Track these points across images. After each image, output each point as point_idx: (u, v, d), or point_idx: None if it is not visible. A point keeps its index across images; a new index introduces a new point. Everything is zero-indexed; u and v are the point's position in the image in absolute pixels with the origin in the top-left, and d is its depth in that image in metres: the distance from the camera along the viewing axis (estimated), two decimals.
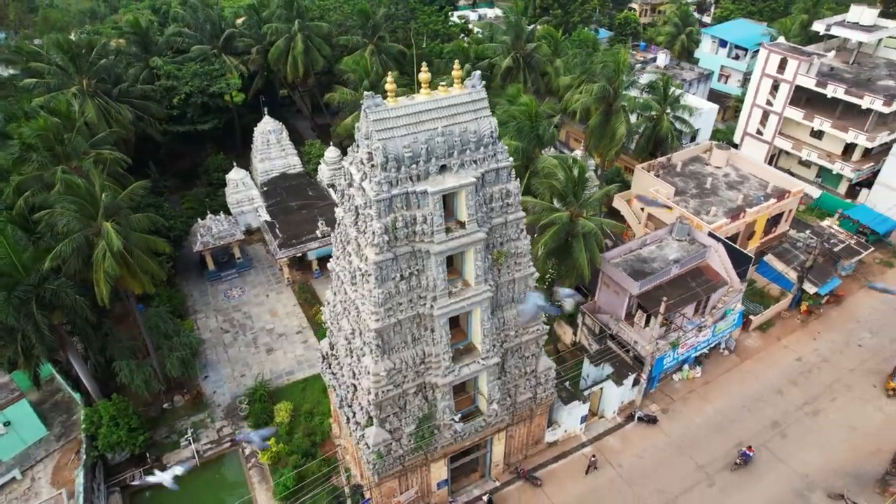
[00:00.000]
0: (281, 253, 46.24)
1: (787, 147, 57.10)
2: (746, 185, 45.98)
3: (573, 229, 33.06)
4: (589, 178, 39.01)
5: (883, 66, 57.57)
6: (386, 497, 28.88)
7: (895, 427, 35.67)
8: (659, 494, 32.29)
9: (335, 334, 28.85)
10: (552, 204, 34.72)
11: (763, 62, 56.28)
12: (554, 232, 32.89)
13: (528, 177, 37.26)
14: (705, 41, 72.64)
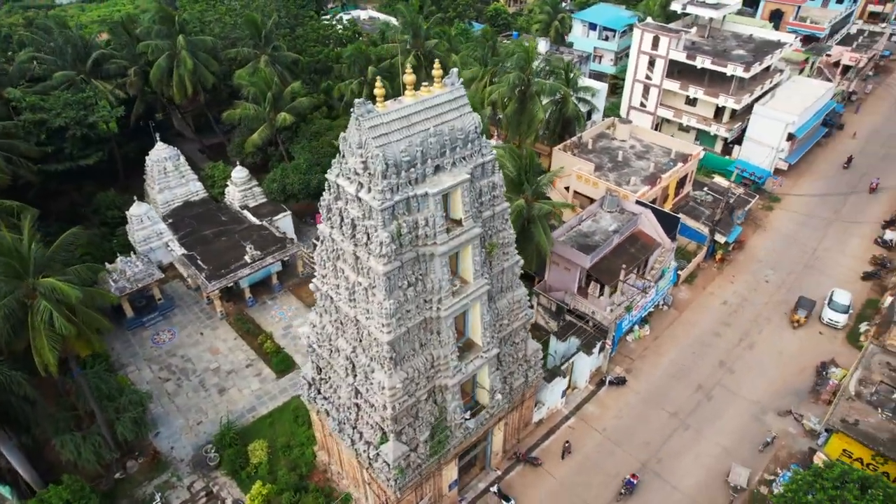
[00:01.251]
0: (212, 285, 42.91)
1: (669, 115, 62.90)
2: (652, 154, 50.15)
3: (531, 214, 34.16)
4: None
5: (731, 38, 65.16)
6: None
7: (810, 346, 41.08)
8: (646, 447, 34.60)
9: (326, 357, 27.51)
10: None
11: (638, 41, 61.44)
12: (513, 220, 33.74)
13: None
14: (577, 26, 77.63)
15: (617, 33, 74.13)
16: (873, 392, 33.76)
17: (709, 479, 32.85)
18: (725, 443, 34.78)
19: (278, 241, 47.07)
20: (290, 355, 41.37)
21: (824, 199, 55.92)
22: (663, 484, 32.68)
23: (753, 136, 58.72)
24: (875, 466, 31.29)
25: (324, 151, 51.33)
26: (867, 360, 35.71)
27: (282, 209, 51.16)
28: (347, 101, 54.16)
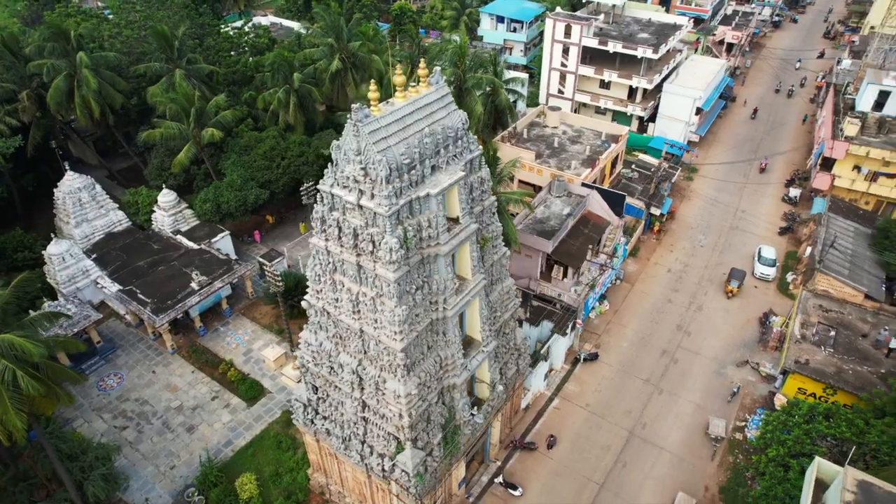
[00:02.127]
0: (160, 319, 39.88)
1: (587, 100, 65.81)
2: (584, 138, 52.32)
3: (499, 206, 34.59)
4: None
5: (633, 23, 69.15)
6: None
7: (749, 301, 44.78)
8: (628, 415, 36.29)
9: (325, 375, 26.48)
10: None
11: (551, 30, 63.70)
12: None
13: None
14: (485, 19, 79.15)
15: (525, 24, 76.40)
16: (814, 333, 37.41)
17: (691, 435, 35.03)
18: (697, 399, 37.22)
19: (223, 264, 44.59)
20: (258, 380, 39.40)
21: (734, 166, 60.93)
22: (651, 447, 34.45)
23: (666, 112, 62.80)
24: (825, 398, 34.75)
25: (257, 165, 49.17)
26: (803, 305, 39.47)
27: (219, 230, 48.42)
28: (274, 110, 52.11)
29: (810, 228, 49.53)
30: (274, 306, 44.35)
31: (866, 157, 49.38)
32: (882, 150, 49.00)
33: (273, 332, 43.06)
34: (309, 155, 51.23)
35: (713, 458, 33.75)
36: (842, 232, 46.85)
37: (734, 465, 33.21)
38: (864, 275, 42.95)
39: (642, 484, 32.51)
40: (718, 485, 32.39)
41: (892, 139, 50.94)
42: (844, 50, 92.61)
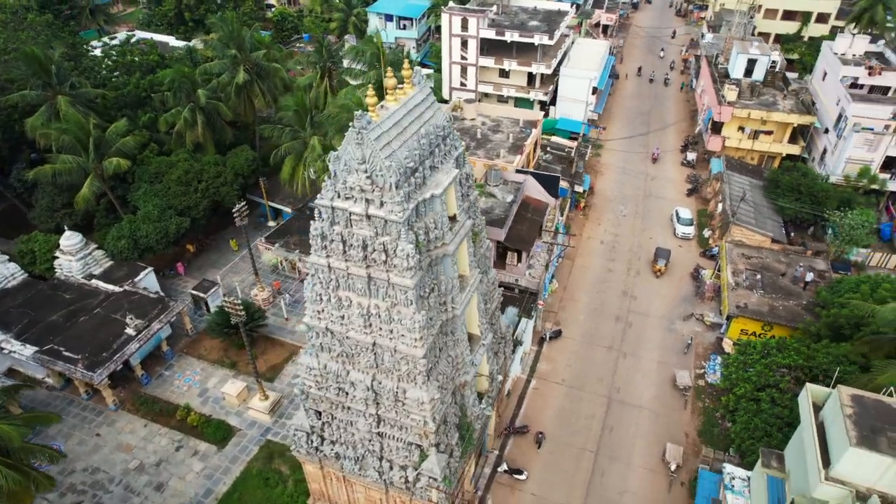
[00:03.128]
0: (99, 374, 35.80)
1: (489, 90, 67.53)
2: (503, 126, 53.76)
3: None
4: None
5: (521, 12, 71.79)
6: None
7: (678, 260, 48.65)
8: (602, 383, 38.23)
9: (332, 397, 25.28)
10: None
11: (448, 24, 64.51)
12: None
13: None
14: (373, 19, 78.39)
15: (415, 21, 76.71)
16: (745, 279, 41.58)
17: (661, 390, 37.62)
18: (657, 357, 39.99)
19: (157, 303, 40.85)
20: (223, 420, 36.71)
21: (633, 138, 65.59)
22: (630, 408, 36.58)
23: (565, 94, 65.96)
24: (764, 334, 38.85)
25: (173, 192, 45.47)
26: (729, 255, 43.68)
27: (140, 267, 44.24)
28: (179, 131, 48.36)
29: (713, 187, 54.74)
30: (221, 339, 41.45)
31: (748, 118, 55.38)
32: (759, 111, 55.21)
33: (226, 367, 40.24)
34: (226, 175, 48.26)
35: (685, 406, 36.51)
36: (740, 186, 52.24)
37: (705, 410, 36.15)
38: (768, 221, 48.31)
39: (632, 443, 34.47)
40: (696, 429, 35.16)
41: (764, 101, 57.54)
42: (694, 25, 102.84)
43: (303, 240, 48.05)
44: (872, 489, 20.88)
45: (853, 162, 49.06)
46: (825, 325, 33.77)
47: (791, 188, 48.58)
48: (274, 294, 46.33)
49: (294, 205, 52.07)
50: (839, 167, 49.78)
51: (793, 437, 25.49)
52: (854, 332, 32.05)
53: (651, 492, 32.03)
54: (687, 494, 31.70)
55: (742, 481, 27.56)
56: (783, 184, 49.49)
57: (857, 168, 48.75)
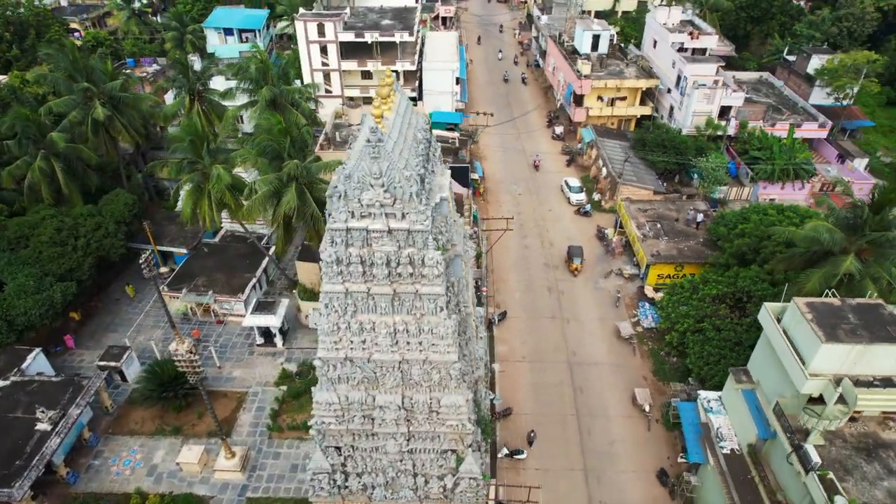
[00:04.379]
0: (18, 489, 30.00)
1: (356, 93, 66.73)
2: None
3: None
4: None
5: (369, 12, 71.54)
6: None
7: (580, 224, 52.79)
8: (557, 350, 40.55)
9: (357, 428, 24.00)
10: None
11: (304, 32, 62.41)
12: None
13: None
14: (211, 35, 73.00)
15: (259, 32, 72.94)
16: (649, 230, 46.41)
17: (610, 344, 40.85)
18: (596, 315, 43.26)
19: (65, 386, 35.18)
20: (190, 492, 32.91)
21: (500, 118, 69.13)
22: (590, 367, 39.29)
23: (431, 88, 67.41)
24: (676, 275, 43.92)
25: (47, 256, 39.26)
26: (628, 211, 48.40)
27: (24, 351, 37.60)
28: (32, 183, 41.58)
29: (590, 154, 59.89)
30: (153, 406, 36.82)
31: (605, 87, 61.29)
32: (613, 80, 61.38)
33: (169, 435, 35.91)
34: (107, 225, 42.61)
35: (634, 353, 40.09)
36: (612, 149, 57.87)
37: (651, 352, 40.01)
38: (646, 176, 54.21)
39: (603, 397, 37.15)
40: (650, 371, 38.84)
41: (612, 71, 64.03)
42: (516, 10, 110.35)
43: (212, 279, 44.29)
44: (839, 374, 25.05)
45: (698, 115, 56.74)
46: (731, 255, 39.06)
47: (657, 144, 54.91)
48: (195, 344, 41.98)
49: (188, 244, 47.42)
50: (688, 120, 57.27)
51: (754, 352, 29.45)
52: (756, 256, 37.56)
53: (634, 434, 34.93)
54: (663, 428, 35.07)
55: (717, 402, 31.23)
56: (649, 141, 55.74)
57: (702, 119, 56.45)
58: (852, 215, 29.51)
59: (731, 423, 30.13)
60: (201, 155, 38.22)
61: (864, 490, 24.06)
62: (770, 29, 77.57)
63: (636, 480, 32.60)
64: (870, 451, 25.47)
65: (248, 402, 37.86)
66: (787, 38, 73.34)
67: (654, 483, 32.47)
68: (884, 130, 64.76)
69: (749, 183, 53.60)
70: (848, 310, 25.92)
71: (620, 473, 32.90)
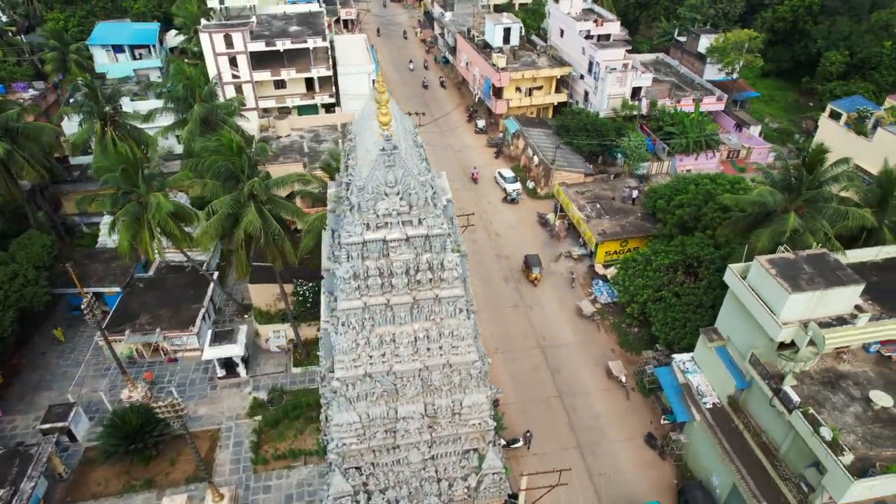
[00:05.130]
0: None
1: (272, 104, 64.24)
2: (324, 133, 52.46)
3: None
4: None
5: (274, 19, 69.03)
6: None
7: (520, 212, 54.16)
8: (526, 337, 41.58)
9: (379, 443, 23.42)
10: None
11: (210, 44, 59.10)
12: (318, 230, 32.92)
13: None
14: (98, 53, 67.11)
15: (154, 47, 68.09)
16: (590, 211, 48.61)
17: (575, 324, 42.43)
18: (556, 298, 44.74)
19: (10, 459, 31.56)
20: None
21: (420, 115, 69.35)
22: (561, 348, 40.65)
23: (349, 92, 66.28)
24: (622, 251, 46.41)
25: None
26: (568, 195, 50.39)
27: None
28: None
29: (517, 144, 61.56)
30: (119, 460, 33.70)
31: (522, 78, 63.18)
32: (530, 70, 63.40)
33: (142, 490, 33.04)
34: (24, 272, 38.42)
35: (599, 329, 41.94)
36: (538, 137, 59.90)
37: (614, 325, 42.03)
38: (574, 160, 56.60)
39: (579, 375, 38.59)
40: (616, 343, 40.82)
41: (526, 61, 66.11)
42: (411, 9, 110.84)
43: (156, 315, 41.25)
44: (804, 320, 27.76)
45: (613, 97, 60.01)
46: (673, 226, 41.83)
47: (580, 128, 57.49)
48: (149, 387, 38.95)
49: (119, 282, 43.67)
50: (604, 103, 60.42)
51: (721, 311, 31.86)
52: (696, 224, 40.50)
53: (616, 405, 36.63)
54: (640, 395, 37.06)
55: (691, 362, 33.48)
56: (573, 126, 58.21)
57: (617, 101, 59.78)
58: (791, 177, 32.67)
59: (708, 380, 32.45)
60: (137, 183, 35.31)
61: (837, 418, 26.88)
62: (656, 13, 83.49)
63: (627, 448, 34.26)
64: (833, 383, 28.46)
65: (223, 439, 35.67)
66: (673, 21, 79.29)
67: (644, 447, 34.29)
68: (765, 100, 71.82)
69: (666, 157, 57.53)
70: (801, 262, 28.72)
71: (612, 444, 34.42)
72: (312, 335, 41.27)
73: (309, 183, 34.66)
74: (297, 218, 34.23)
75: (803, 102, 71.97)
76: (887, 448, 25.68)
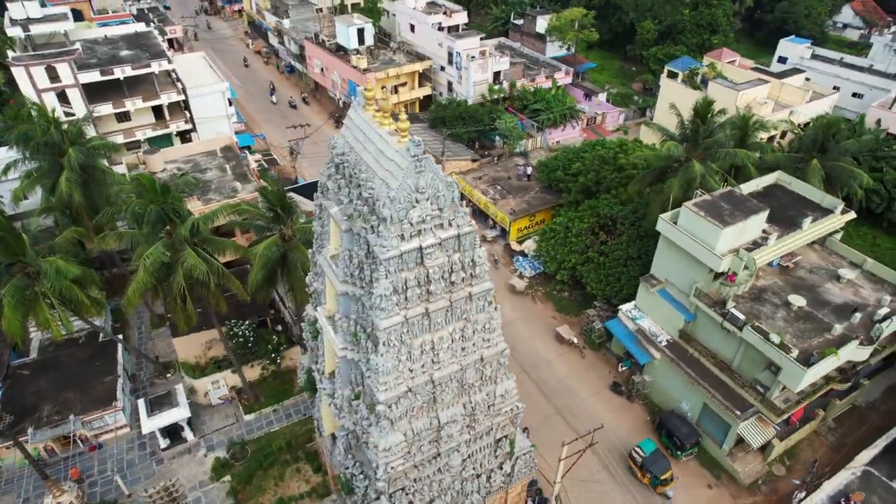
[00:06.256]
0: None
1: (120, 139, 57.07)
2: (212, 161, 48.15)
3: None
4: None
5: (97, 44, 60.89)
6: None
7: None
8: None
9: (425, 453, 22.80)
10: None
11: (29, 79, 50.72)
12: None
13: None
14: None
15: None
16: (491, 194, 50.64)
17: (512, 302, 44.11)
18: None
19: None
20: None
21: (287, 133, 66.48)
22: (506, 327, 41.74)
23: (204, 115, 61.25)
24: (532, 225, 49.22)
25: None
26: (468, 182, 51.93)
27: None
28: None
29: None
30: None
31: (388, 77, 63.26)
32: (392, 68, 63.63)
33: None
34: None
35: (534, 300, 44.18)
36: (415, 132, 60.52)
37: (546, 294, 44.57)
38: (458, 149, 58.34)
39: (533, 346, 40.43)
40: (554, 309, 43.38)
41: (385, 60, 66.25)
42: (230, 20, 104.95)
43: (62, 401, 35.59)
44: (733, 249, 32.11)
45: (478, 84, 62.62)
46: (577, 192, 45.30)
47: (455, 117, 59.30)
48: (79, 484, 33.37)
49: None
50: (471, 91, 62.83)
51: (655, 258, 35.50)
52: (598, 187, 44.33)
53: (574, 366, 39.12)
54: (592, 351, 39.95)
55: (635, 310, 36.91)
56: (448, 117, 59.81)
57: (482, 87, 62.52)
58: (686, 130, 37.26)
59: (655, 322, 36.06)
60: (20, 251, 29.77)
61: (772, 324, 31.59)
62: (484, 0, 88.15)
63: (598, 401, 36.89)
64: (759, 298, 33.33)
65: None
66: (503, 6, 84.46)
67: (613, 396, 37.17)
68: (598, 70, 79.84)
69: (536, 133, 61.66)
70: (718, 200, 33.09)
71: (584, 401, 36.81)
72: (256, 376, 38.33)
73: (244, 213, 31.83)
74: (238, 253, 31.41)
75: (627, 68, 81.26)
76: (813, 338, 30.84)
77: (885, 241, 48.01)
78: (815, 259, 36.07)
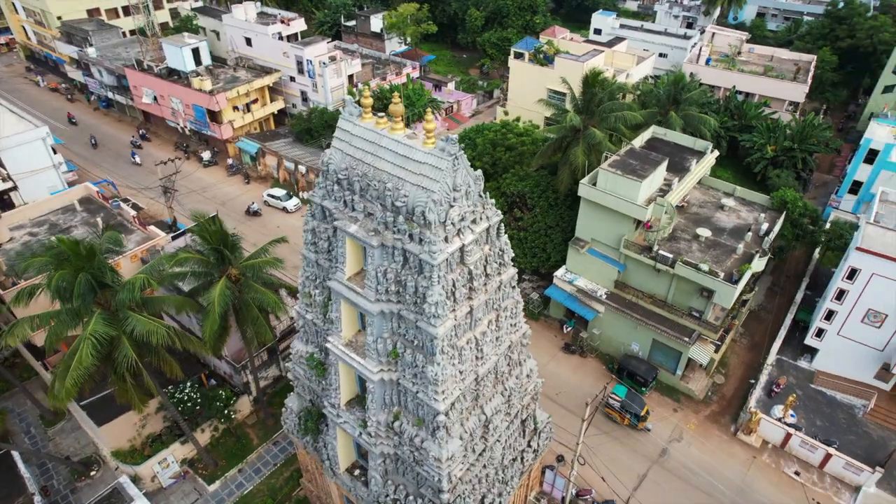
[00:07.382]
0: None
1: None
2: (66, 219, 40.89)
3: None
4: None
5: None
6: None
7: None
8: None
9: (478, 454, 22.52)
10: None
11: None
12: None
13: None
14: None
15: None
16: None
17: None
18: None
19: None
20: None
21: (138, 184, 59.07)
22: None
23: (23, 168, 51.88)
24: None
25: None
26: None
27: None
28: None
29: (264, 164, 57.96)
30: None
31: (238, 95, 59.01)
32: (241, 86, 59.43)
33: None
34: None
35: None
36: (286, 148, 57.71)
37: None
38: None
39: None
40: None
41: (228, 78, 61.56)
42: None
43: None
44: (650, 198, 35.88)
45: (334, 89, 61.17)
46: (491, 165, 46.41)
47: (324, 126, 57.47)
48: None
49: None
50: (329, 97, 61.17)
51: (578, 221, 38.32)
52: (495, 168, 46.19)
53: None
54: (534, 321, 41.91)
55: (569, 273, 39.52)
56: (315, 128, 57.76)
57: (339, 92, 61.22)
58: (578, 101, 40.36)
59: (590, 279, 38.99)
60: None
61: (693, 256, 35.93)
62: (303, 4, 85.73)
63: (556, 365, 38.98)
64: (675, 236, 37.68)
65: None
66: (322, 10, 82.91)
67: (566, 356, 39.52)
68: (436, 61, 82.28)
69: None
70: (626, 158, 36.68)
71: (544, 368, 38.51)
72: (207, 439, 34.27)
73: (185, 262, 27.83)
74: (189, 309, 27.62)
75: (459, 56, 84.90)
76: (725, 260, 35.78)
77: (722, 172, 56.80)
78: (698, 195, 41.64)
